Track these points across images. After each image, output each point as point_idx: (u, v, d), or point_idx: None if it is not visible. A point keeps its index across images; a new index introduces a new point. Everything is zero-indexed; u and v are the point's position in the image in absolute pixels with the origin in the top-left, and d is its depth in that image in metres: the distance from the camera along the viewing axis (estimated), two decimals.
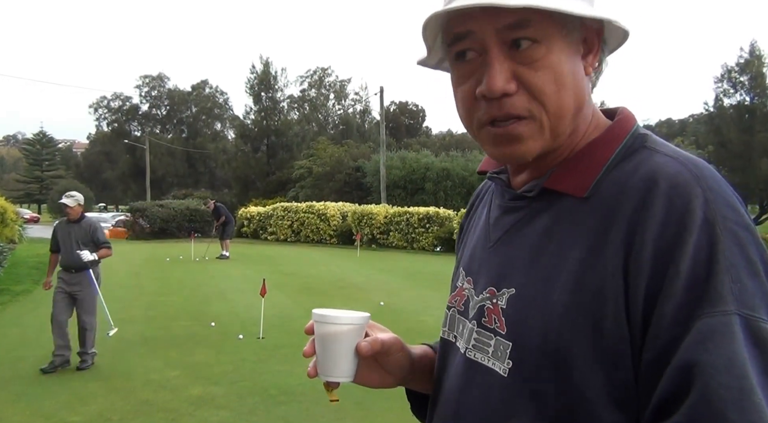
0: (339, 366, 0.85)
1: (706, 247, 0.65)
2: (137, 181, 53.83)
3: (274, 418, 4.67)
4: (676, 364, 0.63)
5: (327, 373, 0.85)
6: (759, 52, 35.21)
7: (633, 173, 0.73)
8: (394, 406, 4.64)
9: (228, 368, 6.01)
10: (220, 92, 61.26)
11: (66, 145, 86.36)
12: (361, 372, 0.89)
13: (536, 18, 0.71)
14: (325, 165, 34.64)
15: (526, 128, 0.75)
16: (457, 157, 30.86)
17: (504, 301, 0.78)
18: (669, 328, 0.64)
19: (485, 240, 0.88)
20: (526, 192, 0.81)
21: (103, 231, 6.48)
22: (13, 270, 13.15)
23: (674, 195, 0.68)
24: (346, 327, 0.84)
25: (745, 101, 35.34)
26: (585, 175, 0.77)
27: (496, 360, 0.77)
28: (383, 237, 21.71)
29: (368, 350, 0.85)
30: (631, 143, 0.77)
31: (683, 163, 0.71)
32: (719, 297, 0.63)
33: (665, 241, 0.66)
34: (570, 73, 0.75)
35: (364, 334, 0.88)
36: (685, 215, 0.67)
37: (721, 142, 34.50)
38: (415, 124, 62.87)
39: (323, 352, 0.85)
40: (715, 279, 0.64)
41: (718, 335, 0.62)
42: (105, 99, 60.36)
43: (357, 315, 0.86)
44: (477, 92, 0.75)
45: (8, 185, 60.71)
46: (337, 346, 0.84)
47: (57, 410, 4.82)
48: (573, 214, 0.76)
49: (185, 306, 9.48)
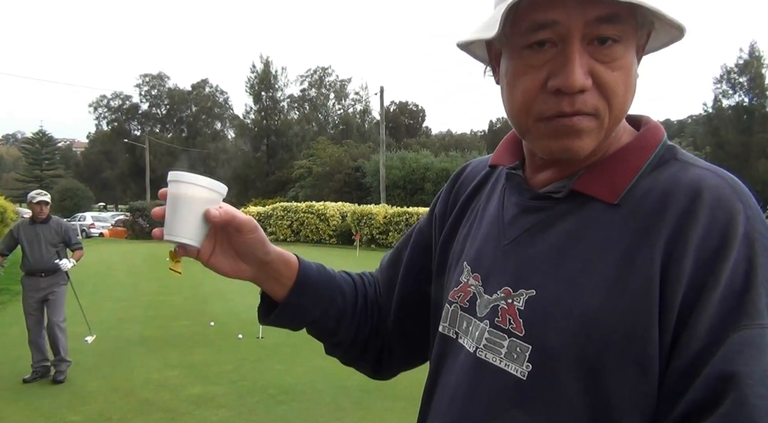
0: (185, 227, 0.81)
1: (744, 261, 0.66)
2: (137, 181, 53.82)
3: (274, 418, 4.68)
4: (709, 373, 0.64)
5: (172, 233, 0.82)
6: (758, 53, 35.27)
7: (672, 183, 0.73)
8: (395, 406, 4.66)
9: (227, 368, 6.02)
10: (220, 91, 61.28)
11: (65, 144, 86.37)
12: (215, 256, 0.88)
13: (623, 16, 0.70)
14: (324, 165, 34.66)
15: (590, 124, 0.73)
16: (456, 157, 30.90)
17: (521, 302, 0.77)
18: (703, 338, 0.65)
19: (498, 237, 0.85)
20: (552, 193, 0.80)
21: (76, 231, 6.18)
22: (13, 269, 13.12)
23: (717, 208, 0.69)
24: (198, 188, 0.81)
25: (744, 102, 35.39)
26: (617, 181, 0.76)
27: (510, 361, 0.76)
28: (383, 237, 21.72)
29: (217, 216, 0.82)
30: (662, 153, 0.77)
31: (723, 177, 0.72)
32: (756, 311, 0.65)
33: (707, 252, 0.67)
34: (635, 75, 0.75)
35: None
36: (727, 229, 0.67)
37: (719, 143, 34.55)
38: (414, 124, 62.87)
39: (172, 212, 0.82)
40: (752, 293, 0.65)
41: (755, 347, 0.63)
42: (105, 98, 60.49)
43: (211, 180, 0.83)
44: (550, 85, 0.72)
45: (8, 184, 60.67)
46: (187, 207, 0.81)
47: (57, 409, 4.83)
48: (603, 219, 0.74)
49: (185, 306, 9.49)
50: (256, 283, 0.94)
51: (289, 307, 0.95)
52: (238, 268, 0.90)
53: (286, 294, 0.94)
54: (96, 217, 33.86)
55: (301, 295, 0.95)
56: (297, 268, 0.95)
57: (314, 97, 55.74)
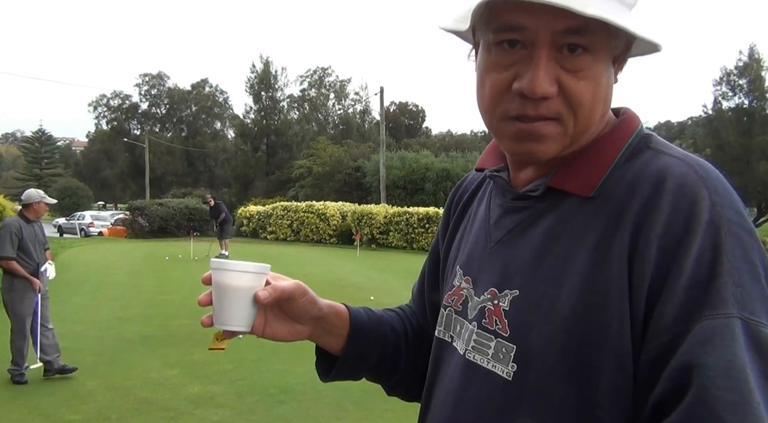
0: (235, 315, 0.83)
1: (710, 249, 0.65)
2: (136, 180, 53.80)
3: (274, 417, 4.66)
4: (674, 365, 0.63)
5: (222, 322, 0.84)
6: (758, 56, 35.29)
7: (639, 173, 0.72)
8: (395, 407, 4.65)
9: (227, 367, 6.01)
10: (220, 91, 61.28)
11: (65, 143, 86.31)
12: (271, 325, 0.89)
13: (594, 27, 0.69)
14: (324, 165, 34.65)
15: (552, 130, 0.74)
16: (456, 157, 30.90)
17: (506, 303, 0.77)
18: (669, 329, 0.64)
19: (485, 240, 0.86)
20: (530, 191, 0.80)
21: None
22: None
23: (680, 195, 0.68)
24: (242, 275, 0.83)
25: (744, 104, 35.43)
26: (591, 175, 0.76)
27: (497, 362, 0.76)
28: (383, 237, 21.71)
29: (267, 297, 0.83)
30: (636, 143, 0.77)
31: (690, 164, 0.71)
32: (721, 300, 0.63)
33: (669, 241, 0.66)
34: (606, 84, 0.75)
35: (265, 284, 0.86)
36: (690, 216, 0.66)
37: (719, 145, 34.57)
38: (414, 124, 62.90)
39: (220, 301, 0.84)
40: (717, 281, 0.64)
41: (718, 338, 0.62)
42: (104, 97, 60.44)
43: (253, 264, 0.84)
44: (515, 87, 0.72)
45: (7, 183, 60.56)
46: (235, 296, 0.83)
47: (56, 408, 4.82)
48: (579, 214, 0.75)
49: (184, 305, 9.47)
50: (312, 340, 0.95)
51: (348, 357, 0.96)
52: (295, 331, 0.91)
53: (343, 345, 0.95)
54: (95, 216, 33.87)
55: (358, 342, 0.96)
56: (348, 317, 0.96)
57: (314, 97, 55.72)
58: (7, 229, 5.56)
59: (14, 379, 5.46)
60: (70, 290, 11.14)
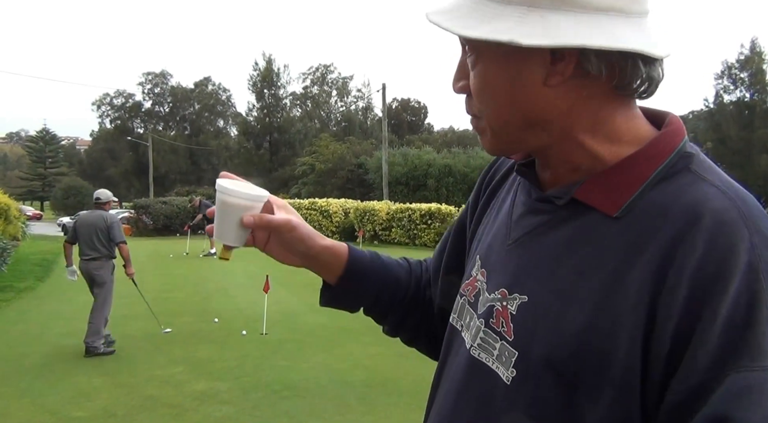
0: (227, 232, 0.94)
1: (746, 293, 0.61)
2: (140, 178, 53.91)
3: (278, 413, 4.69)
4: (706, 414, 0.60)
5: (218, 236, 0.95)
6: (759, 49, 35.18)
7: (673, 199, 0.68)
8: (398, 401, 4.67)
9: (232, 364, 6.04)
10: (223, 89, 61.31)
11: (69, 142, 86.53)
12: (269, 245, 0.98)
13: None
14: (327, 162, 34.66)
15: (478, 125, 0.79)
16: (459, 153, 30.86)
17: (514, 307, 0.76)
18: (700, 375, 0.61)
19: (505, 235, 0.84)
20: (555, 197, 0.77)
21: None
22: (17, 267, 13.21)
23: (719, 233, 0.63)
24: (235, 199, 0.92)
25: (745, 98, 35.32)
26: (619, 193, 0.71)
27: (501, 364, 0.76)
28: (385, 233, 21.72)
29: (249, 223, 0.91)
30: (675, 162, 0.71)
31: (732, 198, 0.66)
32: (759, 350, 0.60)
33: (703, 282, 0.62)
34: (505, 82, 0.73)
35: (261, 210, 0.94)
36: (728, 257, 0.62)
37: (720, 139, 34.48)
38: (417, 120, 62.76)
39: (218, 218, 0.94)
40: (756, 330, 0.60)
41: (755, 392, 0.59)
42: (108, 96, 60.59)
43: (251, 192, 0.94)
44: None
45: (11, 182, 60.74)
46: (228, 215, 0.93)
47: (62, 406, 4.85)
48: (600, 232, 0.71)
49: (188, 302, 9.52)
50: (309, 269, 1.02)
51: (339, 292, 1.03)
52: (287, 257, 0.99)
53: (335, 282, 1.02)
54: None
55: (351, 282, 1.02)
56: (346, 259, 1.01)
57: (316, 95, 55.72)
58: (118, 219, 6.87)
59: (104, 349, 6.36)
60: (75, 288, 11.14)
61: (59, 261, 15.55)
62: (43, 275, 12.87)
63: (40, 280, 12.23)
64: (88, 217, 6.70)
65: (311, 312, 8.68)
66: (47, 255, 16.49)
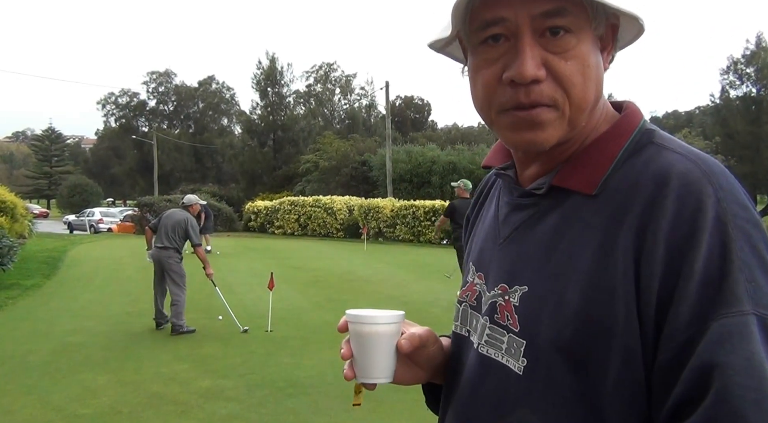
0: (378, 367, 0.83)
1: (719, 246, 0.65)
2: (145, 177, 54.01)
3: (283, 411, 4.69)
4: (693, 365, 0.63)
5: (366, 375, 0.83)
6: (765, 44, 35.00)
7: (642, 170, 0.72)
8: (405, 398, 4.66)
9: (236, 361, 6.05)
10: (227, 88, 61.46)
11: (74, 141, 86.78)
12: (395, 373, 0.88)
13: (571, 8, 0.71)
14: (331, 159, 34.63)
15: (550, 115, 0.74)
16: (463, 150, 30.78)
17: (516, 299, 0.79)
18: (684, 330, 0.64)
19: (495, 236, 0.87)
20: (535, 189, 0.81)
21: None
22: (24, 265, 13.24)
23: (685, 193, 0.68)
24: (384, 327, 0.82)
25: (752, 93, 35.18)
26: (593, 172, 0.76)
27: (510, 357, 0.78)
28: (390, 230, 21.72)
29: (409, 347, 0.83)
30: (638, 139, 0.76)
31: (693, 161, 0.71)
32: (735, 297, 0.63)
33: (677, 241, 0.66)
34: (595, 65, 0.75)
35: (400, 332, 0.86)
36: (697, 214, 0.66)
37: (728, 134, 34.38)
38: (420, 118, 62.67)
39: (361, 353, 0.82)
40: (729, 279, 0.64)
41: (735, 336, 0.62)
42: (113, 95, 60.69)
43: (393, 314, 0.84)
44: (504, 77, 0.73)
45: (18, 181, 61.04)
46: (376, 347, 0.82)
47: (67, 403, 4.86)
48: (582, 212, 0.75)
49: (193, 299, 9.51)
50: (432, 381, 0.94)
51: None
52: (418, 376, 0.91)
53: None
54: (104, 213, 34.09)
55: None
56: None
57: (320, 93, 55.65)
58: (197, 224, 7.65)
59: (186, 329, 7.21)
60: (80, 286, 11.25)
61: (65, 259, 15.63)
62: (49, 273, 12.91)
63: (47, 277, 12.27)
64: (175, 213, 7.66)
65: (316, 309, 8.70)
66: (53, 253, 16.55)
